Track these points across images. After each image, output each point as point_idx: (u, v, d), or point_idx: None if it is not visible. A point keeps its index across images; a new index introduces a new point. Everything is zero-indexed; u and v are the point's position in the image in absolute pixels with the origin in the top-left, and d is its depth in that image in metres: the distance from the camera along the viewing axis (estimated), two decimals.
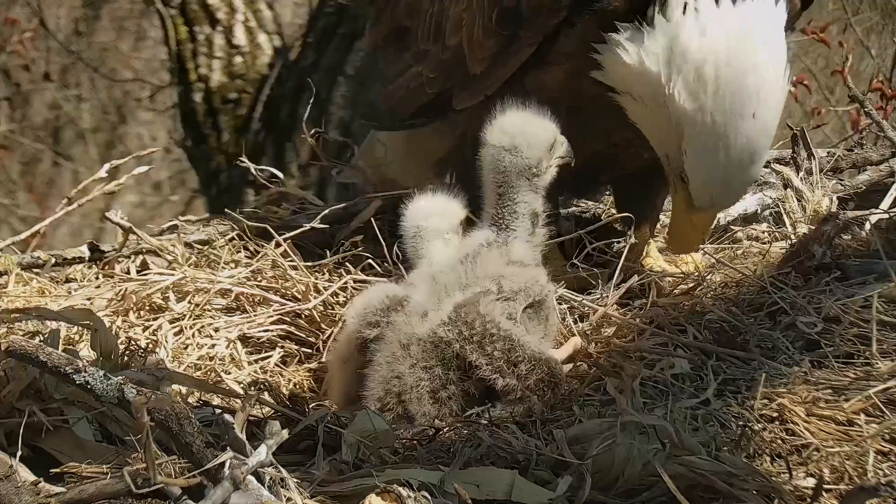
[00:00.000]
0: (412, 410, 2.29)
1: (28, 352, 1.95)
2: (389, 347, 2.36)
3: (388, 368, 2.34)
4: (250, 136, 6.79)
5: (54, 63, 11.17)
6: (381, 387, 2.34)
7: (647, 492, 1.92)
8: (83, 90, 11.76)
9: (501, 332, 2.30)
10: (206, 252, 3.36)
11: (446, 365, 2.31)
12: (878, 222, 3.10)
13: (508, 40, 2.79)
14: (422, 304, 2.41)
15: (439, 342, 2.31)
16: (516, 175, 2.50)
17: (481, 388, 2.30)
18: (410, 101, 3.13)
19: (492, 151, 2.52)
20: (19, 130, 11.53)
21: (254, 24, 6.98)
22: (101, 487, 1.83)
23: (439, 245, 2.60)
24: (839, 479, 1.94)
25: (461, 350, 2.29)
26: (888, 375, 2.18)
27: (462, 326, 2.30)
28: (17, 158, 11.74)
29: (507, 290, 2.39)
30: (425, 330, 2.34)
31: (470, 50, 2.88)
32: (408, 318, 2.39)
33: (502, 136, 2.51)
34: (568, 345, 2.52)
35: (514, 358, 2.28)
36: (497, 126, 2.53)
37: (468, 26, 2.90)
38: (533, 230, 2.52)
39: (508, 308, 2.37)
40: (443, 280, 2.45)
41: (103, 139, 11.98)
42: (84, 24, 11.29)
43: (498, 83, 2.83)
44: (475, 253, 2.48)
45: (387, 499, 1.82)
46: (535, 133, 2.52)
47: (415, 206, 2.66)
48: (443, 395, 2.30)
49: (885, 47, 7.55)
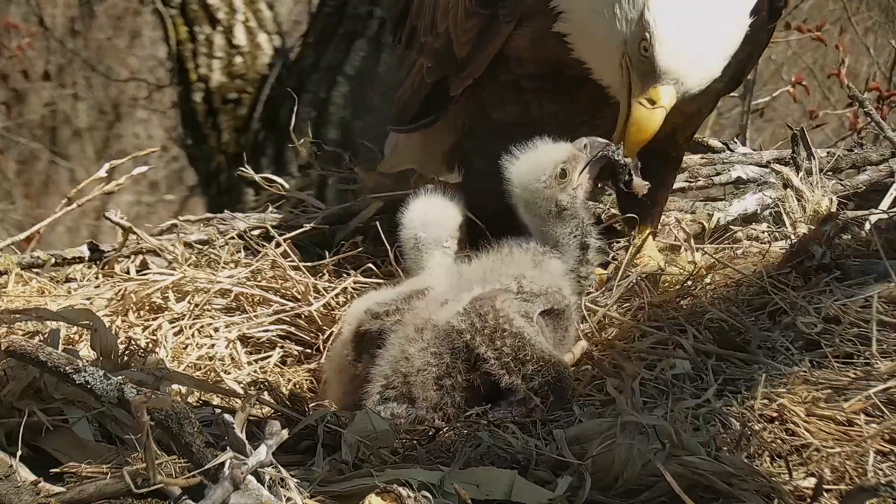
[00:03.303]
0: (415, 393, 2.30)
1: (28, 351, 1.95)
2: (405, 329, 2.38)
3: (399, 349, 2.36)
4: (250, 135, 6.79)
5: (50, 62, 11.17)
6: (389, 365, 2.35)
7: (647, 492, 1.92)
8: (79, 89, 11.76)
9: (513, 329, 2.30)
10: (205, 252, 3.36)
11: (455, 354, 2.32)
12: (878, 222, 3.10)
13: (489, 20, 2.82)
14: (444, 294, 2.43)
15: (451, 331, 2.32)
16: (548, 216, 2.53)
17: (486, 383, 2.31)
18: (416, 95, 3.16)
19: (517, 198, 2.56)
20: (15, 129, 11.53)
21: (254, 24, 6.97)
22: (101, 487, 1.83)
23: (438, 255, 2.61)
24: (839, 479, 1.94)
25: (471, 341, 2.30)
26: (888, 375, 2.18)
27: (475, 318, 2.31)
28: (14, 157, 11.73)
29: (528, 291, 2.40)
30: (442, 317, 2.35)
31: (455, 34, 2.92)
32: (427, 305, 2.41)
33: (513, 186, 2.55)
34: (576, 349, 2.52)
35: (523, 356, 2.28)
36: (508, 174, 2.56)
37: (453, 10, 2.94)
38: (582, 257, 2.54)
39: (525, 307, 2.38)
40: (465, 272, 2.48)
41: (100, 138, 11.98)
42: (80, 22, 11.28)
43: (482, 65, 2.86)
44: (509, 251, 2.50)
45: (387, 499, 1.82)
46: (541, 168, 2.53)
47: (411, 214, 2.66)
48: (447, 384, 2.31)
49: (883, 47, 7.55)
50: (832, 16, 7.88)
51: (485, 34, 2.84)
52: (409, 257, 2.66)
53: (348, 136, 6.27)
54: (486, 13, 2.81)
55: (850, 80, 4.69)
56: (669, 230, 3.34)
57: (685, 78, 2.53)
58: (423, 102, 3.15)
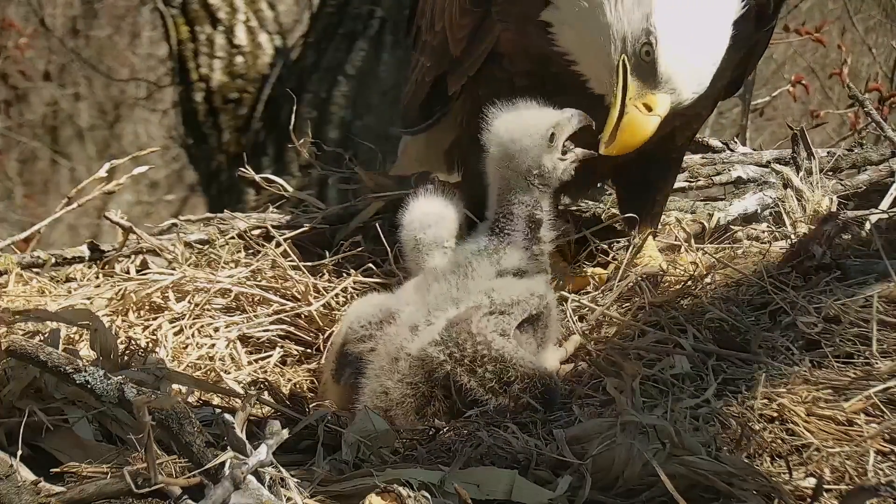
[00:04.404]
0: (399, 425, 2.27)
1: (28, 351, 1.95)
2: (379, 360, 2.35)
3: (377, 382, 2.33)
4: (251, 135, 6.80)
5: (52, 61, 11.17)
6: (370, 400, 2.33)
7: (647, 492, 1.92)
8: (80, 88, 11.76)
9: (493, 353, 2.25)
10: (206, 252, 3.36)
11: (432, 383, 2.28)
12: (878, 222, 3.10)
13: (481, 17, 2.81)
14: (412, 317, 2.38)
15: (430, 361, 2.28)
16: (518, 176, 2.45)
17: (470, 405, 2.26)
18: (418, 93, 3.17)
19: (493, 154, 2.48)
20: (17, 128, 11.53)
21: (255, 23, 6.98)
22: (101, 487, 1.83)
23: (438, 256, 2.60)
24: (839, 479, 1.94)
25: (452, 372, 2.26)
26: (888, 375, 2.18)
27: (453, 348, 2.26)
28: (15, 157, 11.74)
29: (500, 303, 2.35)
30: (415, 347, 2.31)
31: (451, 32, 2.92)
32: (398, 331, 2.36)
33: (498, 137, 2.47)
34: (568, 344, 2.51)
35: (507, 378, 2.24)
36: (492, 127, 2.48)
37: (448, 9, 2.93)
38: (532, 235, 2.46)
39: (502, 323, 2.33)
40: (435, 292, 2.42)
41: (100, 137, 11.98)
42: (81, 21, 11.29)
43: (477, 63, 2.85)
44: (466, 262, 2.44)
45: (387, 499, 1.82)
46: (533, 125, 2.45)
47: (411, 215, 2.65)
48: (429, 411, 2.28)
49: (884, 46, 7.55)
50: (832, 15, 7.88)
51: (478, 31, 2.83)
52: (409, 258, 2.66)
53: (349, 136, 6.28)
54: (479, 11, 2.81)
55: (851, 79, 4.68)
56: (669, 230, 3.34)
57: (683, 88, 2.47)
58: (425, 102, 3.15)
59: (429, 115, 3.18)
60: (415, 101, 3.21)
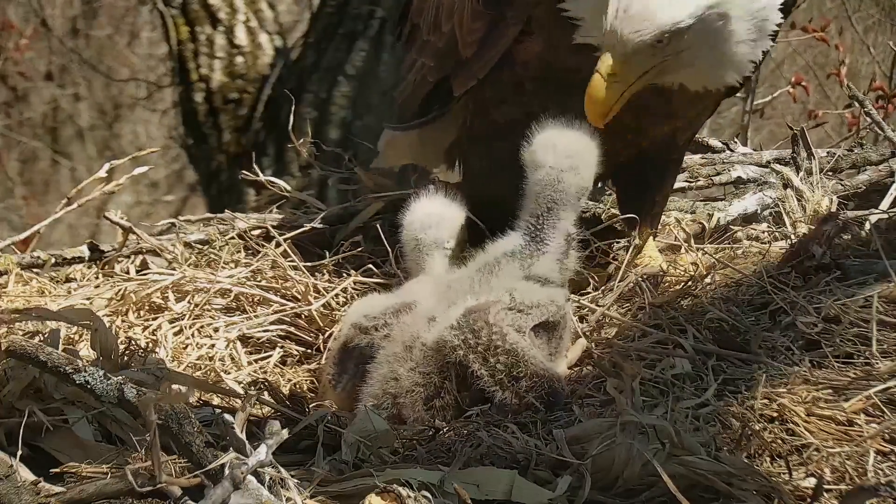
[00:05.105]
0: (405, 414, 2.28)
1: (28, 351, 1.95)
2: (392, 346, 2.36)
3: (388, 368, 2.34)
4: (251, 135, 6.80)
5: (52, 62, 11.18)
6: (379, 385, 2.34)
7: (647, 492, 1.92)
8: (80, 88, 11.77)
9: (507, 345, 2.27)
10: (205, 252, 3.36)
11: (444, 373, 2.29)
12: (878, 222, 3.10)
13: (495, 21, 2.79)
14: (430, 310, 2.39)
15: (444, 345, 2.30)
16: (571, 195, 2.50)
17: (477, 400, 2.28)
18: (417, 93, 3.16)
19: (551, 173, 2.51)
20: (17, 128, 11.54)
21: (255, 24, 6.98)
22: (102, 487, 1.83)
23: (439, 257, 2.60)
24: (839, 479, 1.94)
25: (464, 358, 2.27)
26: (888, 375, 2.18)
27: (469, 334, 2.28)
28: (16, 157, 11.75)
29: (520, 302, 2.37)
30: (432, 335, 2.33)
31: (460, 34, 2.89)
32: (415, 320, 2.38)
33: (562, 159, 2.51)
34: (576, 347, 2.51)
35: (517, 373, 2.26)
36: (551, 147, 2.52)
37: (458, 11, 2.91)
38: (566, 250, 2.52)
39: (519, 320, 2.35)
40: (456, 288, 2.44)
41: (100, 137, 11.99)
42: (81, 21, 11.30)
43: (488, 66, 2.83)
44: (495, 262, 2.47)
45: (387, 499, 1.82)
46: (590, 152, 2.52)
47: (412, 215, 2.65)
48: (437, 404, 2.29)
49: (882, 46, 7.55)
50: (829, 14, 7.88)
51: (491, 35, 2.81)
52: (409, 259, 2.66)
53: (349, 136, 6.28)
54: (492, 14, 2.79)
55: (850, 78, 4.68)
56: (669, 230, 3.34)
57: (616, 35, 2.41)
58: (425, 101, 3.15)
59: (425, 114, 3.17)
60: (413, 100, 3.20)
